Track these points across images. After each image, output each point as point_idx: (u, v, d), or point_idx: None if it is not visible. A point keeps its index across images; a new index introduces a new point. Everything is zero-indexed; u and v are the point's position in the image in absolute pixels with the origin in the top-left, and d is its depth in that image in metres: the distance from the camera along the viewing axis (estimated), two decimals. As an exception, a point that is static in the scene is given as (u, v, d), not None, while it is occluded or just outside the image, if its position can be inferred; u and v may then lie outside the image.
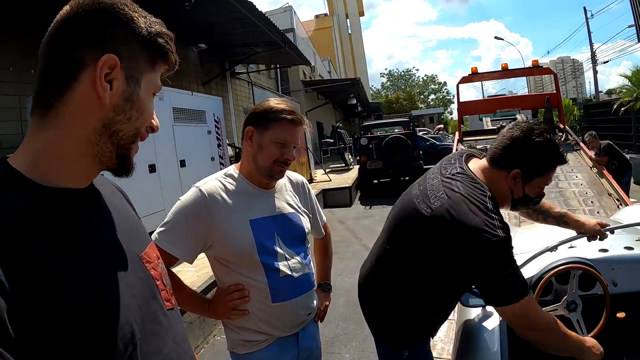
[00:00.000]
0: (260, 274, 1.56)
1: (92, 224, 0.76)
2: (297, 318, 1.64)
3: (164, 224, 1.55)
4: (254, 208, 1.61)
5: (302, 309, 1.65)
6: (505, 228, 1.38)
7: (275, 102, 1.64)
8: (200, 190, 1.56)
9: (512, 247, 1.40)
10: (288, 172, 1.82)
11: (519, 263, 1.49)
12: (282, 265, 1.59)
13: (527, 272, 1.82)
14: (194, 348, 3.83)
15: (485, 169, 1.57)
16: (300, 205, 1.78)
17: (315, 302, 1.75)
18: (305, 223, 1.76)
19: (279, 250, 1.60)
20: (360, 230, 8.09)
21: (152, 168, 5.61)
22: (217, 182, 1.62)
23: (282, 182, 1.76)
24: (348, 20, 62.72)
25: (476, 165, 1.61)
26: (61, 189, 0.72)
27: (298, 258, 1.65)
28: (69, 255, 0.67)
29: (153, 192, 5.47)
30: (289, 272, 1.60)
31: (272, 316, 1.59)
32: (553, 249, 1.80)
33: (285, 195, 1.74)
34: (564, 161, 1.55)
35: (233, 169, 1.69)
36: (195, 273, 4.38)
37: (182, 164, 6.40)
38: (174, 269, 1.60)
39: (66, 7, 0.73)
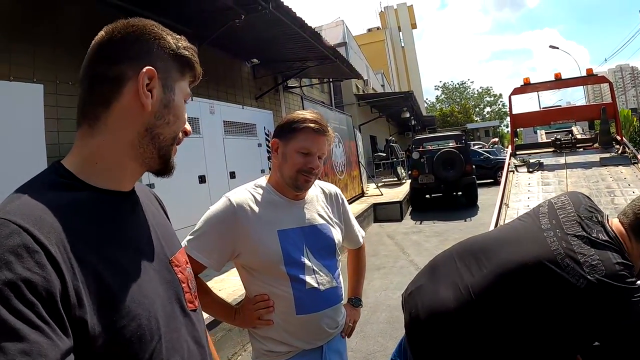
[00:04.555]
0: (286, 284, 1.55)
1: (132, 224, 0.86)
2: (321, 331, 1.62)
3: (194, 232, 1.58)
4: (283, 219, 1.61)
5: (327, 322, 1.62)
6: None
7: (299, 112, 1.66)
8: (229, 200, 1.59)
9: None
10: (321, 183, 1.81)
11: None
12: (309, 278, 1.57)
13: None
14: (231, 355, 3.90)
15: (625, 236, 1.41)
16: (332, 217, 1.77)
17: (342, 317, 1.72)
18: (336, 235, 1.73)
19: (306, 262, 1.59)
20: (408, 246, 7.93)
21: (202, 179, 5.81)
22: (246, 192, 1.65)
23: (314, 193, 1.76)
24: (400, 33, 62.58)
25: (617, 230, 1.43)
26: (107, 190, 0.82)
27: (326, 271, 1.63)
28: (110, 248, 0.76)
29: (202, 202, 5.63)
30: (315, 285, 1.58)
31: (295, 327, 1.58)
32: None
33: (316, 206, 1.73)
34: None
35: (263, 180, 1.71)
36: (239, 282, 4.46)
37: (232, 175, 6.57)
38: (221, 277, 1.62)
39: (101, 33, 0.83)
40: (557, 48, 31.45)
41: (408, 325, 1.59)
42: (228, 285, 4.58)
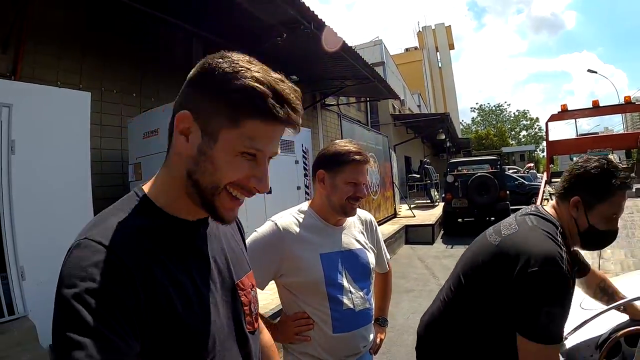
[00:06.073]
0: (325, 305, 1.65)
1: (202, 249, 0.92)
2: (354, 348, 1.71)
3: None
4: (325, 243, 1.72)
5: (360, 340, 1.72)
6: (569, 268, 1.38)
7: (342, 144, 1.76)
8: (275, 223, 1.70)
9: (569, 291, 1.38)
10: (358, 211, 1.91)
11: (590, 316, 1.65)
12: (346, 299, 1.68)
13: (596, 330, 1.78)
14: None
15: (554, 206, 1.63)
16: (367, 242, 1.88)
17: (372, 335, 1.81)
18: (371, 259, 1.84)
19: (344, 284, 1.69)
20: (438, 269, 7.86)
21: (239, 193, 5.91)
22: (291, 217, 1.76)
23: (352, 220, 1.87)
24: (438, 53, 62.38)
25: (549, 206, 1.67)
26: (178, 218, 0.87)
27: (361, 293, 1.73)
28: (179, 270, 0.83)
29: (239, 217, 5.76)
30: (351, 306, 1.68)
31: (331, 344, 1.67)
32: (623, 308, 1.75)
33: (353, 232, 1.84)
34: (626, 186, 1.49)
35: (305, 206, 1.82)
36: (270, 296, 4.55)
37: (269, 190, 6.68)
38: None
39: None
40: (595, 72, 30.66)
41: (416, 346, 1.82)
42: (259, 299, 4.65)
